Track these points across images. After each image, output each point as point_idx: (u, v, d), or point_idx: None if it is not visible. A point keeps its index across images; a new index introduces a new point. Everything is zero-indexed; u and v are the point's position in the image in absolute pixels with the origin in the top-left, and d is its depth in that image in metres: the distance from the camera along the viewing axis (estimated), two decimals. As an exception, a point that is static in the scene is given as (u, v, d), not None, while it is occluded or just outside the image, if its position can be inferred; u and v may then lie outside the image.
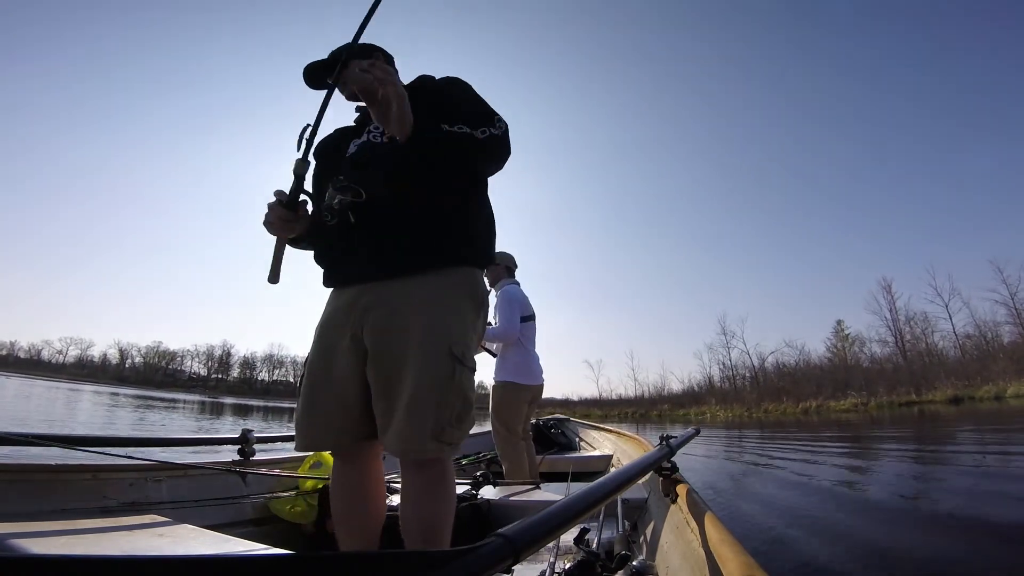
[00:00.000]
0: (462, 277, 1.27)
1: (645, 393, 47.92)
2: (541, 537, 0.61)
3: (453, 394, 1.15)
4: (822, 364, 37.00)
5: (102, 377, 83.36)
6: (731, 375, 41.90)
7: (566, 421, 5.60)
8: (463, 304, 1.25)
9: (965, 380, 25.78)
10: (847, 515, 3.17)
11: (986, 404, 19.73)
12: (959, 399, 22.92)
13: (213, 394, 69.95)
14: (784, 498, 3.98)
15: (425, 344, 1.16)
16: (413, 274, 1.22)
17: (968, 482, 4.13)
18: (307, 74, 1.39)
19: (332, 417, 1.25)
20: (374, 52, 1.43)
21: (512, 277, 3.33)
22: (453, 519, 1.24)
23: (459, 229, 1.28)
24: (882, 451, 7.39)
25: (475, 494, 2.07)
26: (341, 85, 1.31)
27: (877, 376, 31.68)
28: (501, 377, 3.11)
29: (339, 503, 1.34)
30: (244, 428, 2.30)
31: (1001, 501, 3.37)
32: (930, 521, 2.98)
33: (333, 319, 1.29)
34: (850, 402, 28.13)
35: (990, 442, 7.77)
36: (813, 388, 32.74)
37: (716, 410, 35.03)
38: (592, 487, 0.89)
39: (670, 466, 1.65)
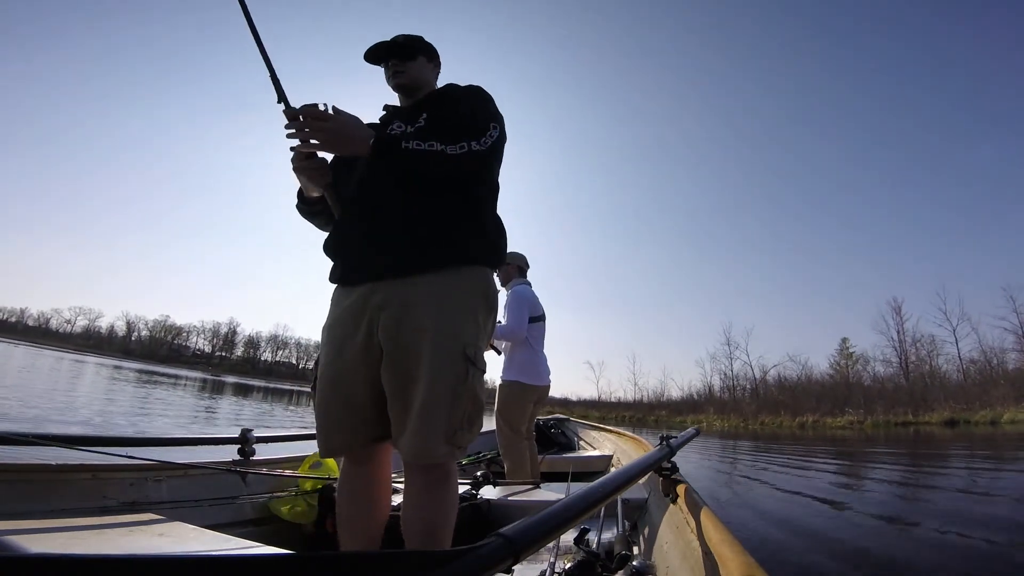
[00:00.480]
0: (474, 276, 1.27)
1: (644, 397, 48.02)
2: (541, 537, 0.61)
3: (466, 396, 1.16)
4: (823, 380, 37.07)
5: (108, 349, 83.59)
6: (731, 385, 41.97)
7: (566, 421, 5.60)
8: (476, 304, 1.25)
9: (964, 404, 25.88)
10: (832, 522, 3.18)
11: (981, 428, 20.02)
12: (955, 422, 23.13)
13: (216, 372, 69.81)
14: (768, 503, 4.00)
15: (439, 345, 1.16)
16: (425, 272, 1.22)
17: (951, 497, 4.19)
18: (369, 54, 1.44)
19: (347, 420, 1.24)
20: (417, 46, 1.44)
21: (524, 277, 3.34)
22: (455, 520, 1.24)
23: (471, 228, 1.29)
24: (871, 466, 7.51)
25: (475, 494, 2.07)
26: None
27: (877, 395, 31.77)
28: (508, 376, 3.11)
29: (345, 504, 1.33)
30: (244, 428, 2.30)
31: (981, 517, 3.43)
32: (914, 532, 3.01)
33: (342, 319, 1.27)
34: (846, 419, 28.12)
35: (976, 461, 7.92)
36: (812, 403, 32.78)
37: (713, 419, 35.01)
38: (592, 487, 0.89)
39: (670, 466, 1.65)
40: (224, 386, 28.82)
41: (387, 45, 1.42)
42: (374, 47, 1.43)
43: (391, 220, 1.25)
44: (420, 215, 1.24)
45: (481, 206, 1.33)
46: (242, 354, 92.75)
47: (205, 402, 13.61)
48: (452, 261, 1.24)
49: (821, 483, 5.16)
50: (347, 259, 1.33)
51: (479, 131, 1.26)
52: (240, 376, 67.19)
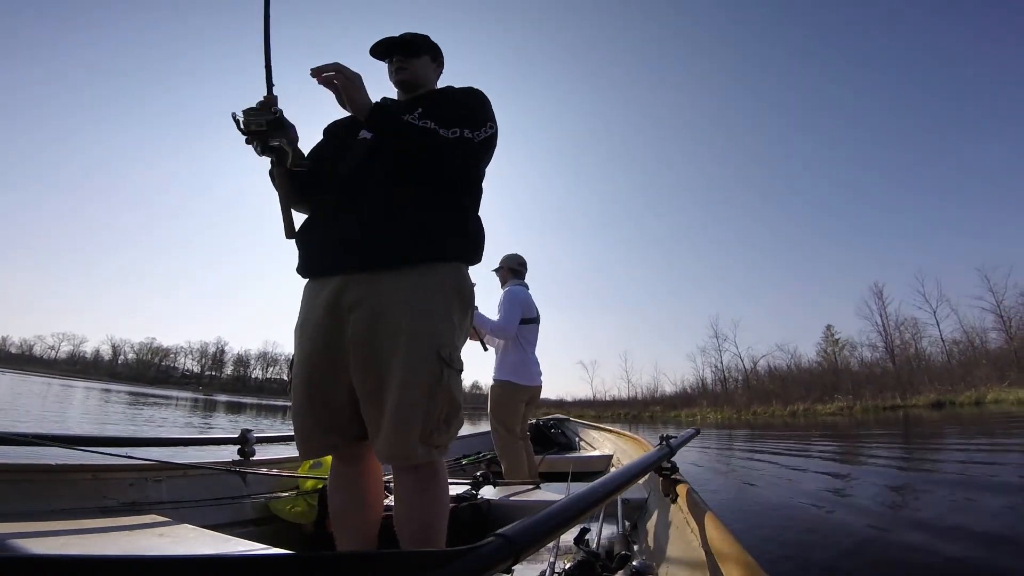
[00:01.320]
0: (449, 273, 1.25)
1: (638, 394, 48.41)
2: (541, 537, 0.62)
3: (441, 398, 1.15)
4: (811, 368, 37.53)
5: (94, 373, 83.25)
6: (723, 378, 42.46)
7: (566, 421, 5.60)
8: (450, 303, 1.23)
9: (949, 385, 26.42)
10: (831, 517, 3.19)
11: (967, 409, 20.23)
12: (941, 404, 23.54)
13: (207, 391, 69.93)
14: (764, 494, 4.05)
15: (412, 347, 1.13)
16: (400, 267, 1.20)
17: (949, 481, 4.25)
18: (375, 48, 1.44)
19: (324, 421, 1.23)
20: (422, 45, 1.44)
21: (520, 279, 3.35)
22: (447, 518, 1.24)
23: (454, 226, 1.27)
24: (864, 452, 7.62)
25: (475, 494, 2.07)
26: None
27: (865, 380, 32.28)
28: (500, 376, 3.13)
29: (336, 502, 1.34)
30: (244, 428, 2.30)
31: (972, 500, 3.49)
32: (915, 518, 3.04)
33: (312, 318, 1.24)
34: (836, 405, 28.72)
35: (970, 443, 8.04)
36: (802, 391, 33.30)
37: (707, 412, 35.70)
38: (592, 487, 0.89)
39: (670, 466, 1.65)
40: (216, 404, 29.00)
41: (393, 41, 1.42)
42: (380, 42, 1.42)
43: (375, 211, 1.23)
44: (405, 208, 1.23)
45: (465, 205, 1.32)
46: (232, 372, 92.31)
47: (202, 419, 13.69)
48: (429, 257, 1.22)
49: (816, 472, 5.20)
50: (320, 248, 1.28)
51: (473, 121, 1.26)
52: (231, 394, 67.02)
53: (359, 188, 1.27)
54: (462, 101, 1.36)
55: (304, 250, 1.32)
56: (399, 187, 1.25)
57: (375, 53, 1.44)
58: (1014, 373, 24.61)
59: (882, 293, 36.37)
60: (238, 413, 20.11)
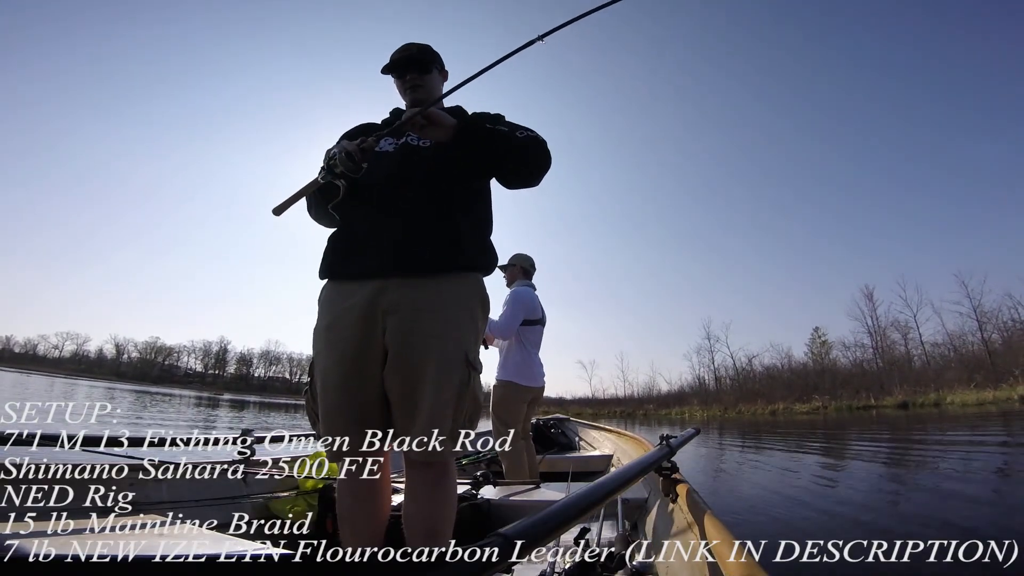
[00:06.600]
0: (475, 283, 1.33)
1: (635, 393, 49.26)
2: (541, 537, 0.62)
3: (468, 398, 1.22)
4: (796, 368, 38.48)
5: (98, 372, 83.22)
6: (715, 377, 43.54)
7: (566, 421, 5.60)
8: (475, 311, 1.30)
9: (918, 387, 27.47)
10: (830, 512, 3.22)
11: (926, 409, 21.53)
12: (906, 404, 24.55)
13: (210, 390, 70.10)
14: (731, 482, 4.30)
15: (446, 352, 1.20)
16: (435, 275, 1.25)
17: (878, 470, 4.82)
18: (392, 65, 1.44)
19: (359, 422, 1.25)
20: (431, 59, 1.47)
21: (528, 279, 3.36)
22: (455, 517, 1.25)
23: (478, 237, 1.36)
24: (812, 445, 8.67)
25: (475, 494, 2.07)
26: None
27: (843, 381, 33.31)
28: (503, 377, 3.14)
29: (346, 501, 1.34)
30: (244, 428, 2.30)
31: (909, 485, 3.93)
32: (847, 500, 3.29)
33: (345, 320, 1.26)
34: (812, 405, 29.85)
35: (906, 437, 9.28)
36: (784, 391, 34.39)
37: (696, 410, 37.05)
38: (592, 487, 0.89)
39: (670, 466, 1.65)
40: (219, 402, 29.33)
41: (406, 59, 1.44)
42: (396, 62, 1.44)
43: (416, 219, 1.28)
44: (437, 219, 1.28)
45: (488, 217, 1.41)
46: (235, 371, 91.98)
47: (202, 418, 13.73)
48: (463, 267, 1.29)
49: (778, 467, 5.57)
50: (362, 252, 1.30)
51: (525, 127, 1.33)
52: (234, 393, 67.17)
53: (398, 196, 1.31)
54: (486, 114, 1.44)
55: (337, 254, 1.35)
56: (437, 197, 1.30)
57: (386, 70, 1.46)
58: (981, 376, 25.41)
59: (872, 295, 37.07)
60: (240, 411, 20.22)
